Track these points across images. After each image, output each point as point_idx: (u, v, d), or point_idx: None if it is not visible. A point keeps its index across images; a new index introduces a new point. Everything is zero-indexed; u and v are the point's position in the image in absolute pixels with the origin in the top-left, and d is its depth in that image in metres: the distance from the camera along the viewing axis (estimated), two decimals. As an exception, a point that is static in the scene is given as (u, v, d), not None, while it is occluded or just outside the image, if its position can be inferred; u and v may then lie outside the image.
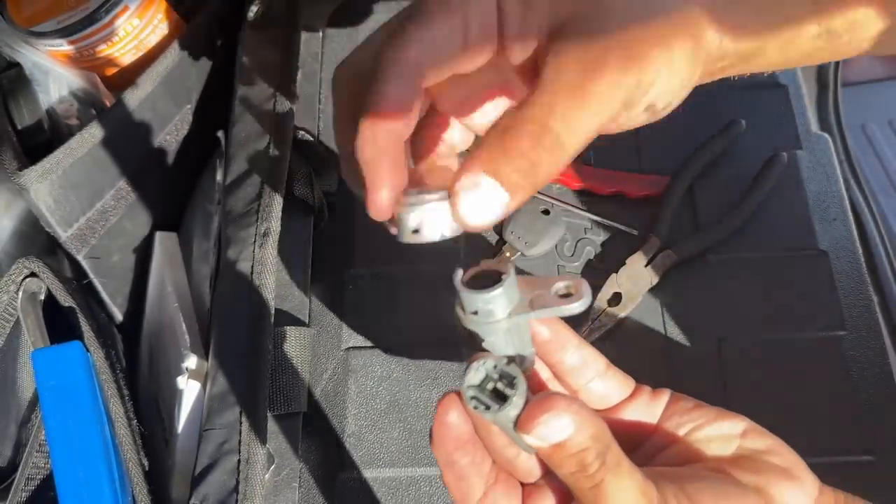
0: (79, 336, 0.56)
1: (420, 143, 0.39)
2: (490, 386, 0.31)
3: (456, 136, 0.39)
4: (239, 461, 0.54)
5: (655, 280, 0.63)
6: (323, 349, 0.63)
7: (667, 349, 0.61)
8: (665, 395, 0.40)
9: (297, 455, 0.58)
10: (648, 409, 0.39)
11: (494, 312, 0.32)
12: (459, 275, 0.32)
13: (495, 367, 0.31)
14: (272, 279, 0.59)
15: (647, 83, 0.31)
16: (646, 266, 0.63)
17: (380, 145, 0.31)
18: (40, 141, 0.61)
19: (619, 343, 0.62)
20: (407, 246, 0.33)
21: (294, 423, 0.59)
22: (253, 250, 0.59)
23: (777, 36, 0.35)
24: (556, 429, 0.30)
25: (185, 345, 0.59)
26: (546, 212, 0.67)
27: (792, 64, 0.38)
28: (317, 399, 0.61)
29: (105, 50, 0.63)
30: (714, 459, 0.37)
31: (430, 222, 0.32)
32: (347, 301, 0.65)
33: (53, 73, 0.63)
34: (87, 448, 0.52)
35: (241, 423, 0.55)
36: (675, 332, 0.62)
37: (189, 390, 0.58)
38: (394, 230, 0.33)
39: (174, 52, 0.64)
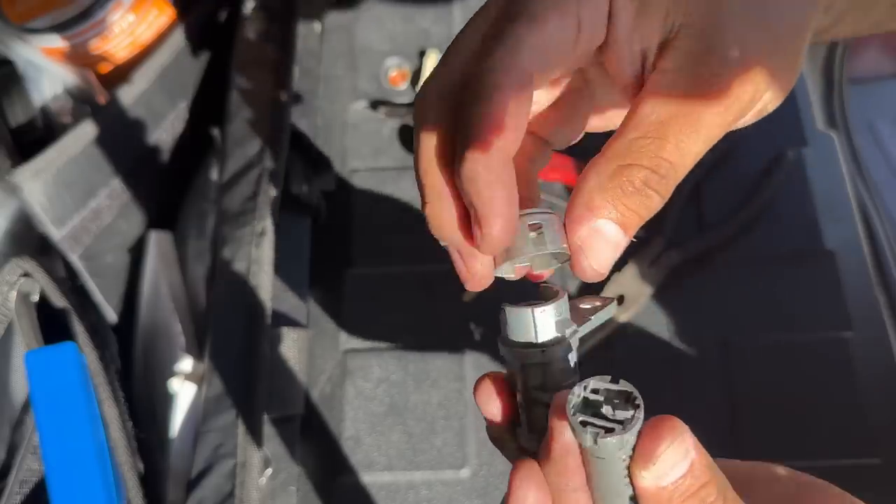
0: (72, 337, 0.55)
1: None
2: (589, 413, 0.26)
3: (529, 145, 0.35)
4: (235, 465, 0.53)
5: (659, 280, 0.62)
6: (320, 351, 0.62)
7: (671, 350, 0.60)
8: None
9: (295, 459, 0.57)
10: None
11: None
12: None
13: (596, 391, 0.26)
14: (269, 279, 0.58)
15: (760, 94, 0.30)
16: (650, 266, 0.62)
17: (495, 170, 0.27)
18: (34, 139, 0.60)
19: (624, 344, 0.61)
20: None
21: (291, 426, 0.58)
22: (249, 250, 0.59)
23: (855, 9, 0.34)
24: (680, 456, 0.25)
25: (181, 346, 0.58)
26: (548, 211, 0.66)
27: (860, 34, 0.37)
28: (314, 402, 0.60)
29: (99, 46, 0.62)
30: None
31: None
32: (346, 302, 0.64)
33: (47, 71, 0.62)
34: (81, 451, 0.51)
35: (237, 426, 0.54)
36: (679, 333, 0.61)
37: (184, 392, 0.57)
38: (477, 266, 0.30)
39: (169, 48, 0.63)
